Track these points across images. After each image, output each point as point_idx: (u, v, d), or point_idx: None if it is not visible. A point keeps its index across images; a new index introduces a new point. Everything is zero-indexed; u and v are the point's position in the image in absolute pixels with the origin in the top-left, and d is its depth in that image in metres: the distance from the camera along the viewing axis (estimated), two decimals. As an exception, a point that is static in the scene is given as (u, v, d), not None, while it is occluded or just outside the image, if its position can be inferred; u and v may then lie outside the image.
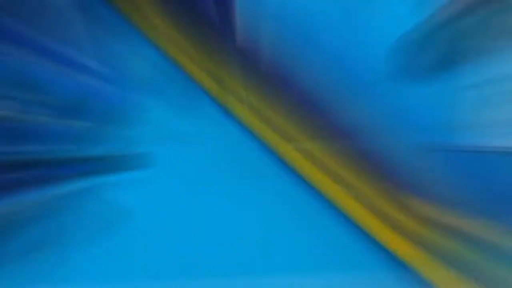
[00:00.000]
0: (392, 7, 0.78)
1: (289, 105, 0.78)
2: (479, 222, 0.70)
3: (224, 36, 0.80)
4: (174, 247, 0.74)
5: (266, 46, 0.79)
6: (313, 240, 0.74)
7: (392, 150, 0.75)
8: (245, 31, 0.79)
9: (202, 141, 0.79)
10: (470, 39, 0.78)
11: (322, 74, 0.77)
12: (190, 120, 0.81)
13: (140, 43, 0.81)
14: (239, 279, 0.70)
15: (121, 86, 0.78)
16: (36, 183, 0.72)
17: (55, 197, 0.73)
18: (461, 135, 0.77)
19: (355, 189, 0.74)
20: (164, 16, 0.83)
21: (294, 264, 0.73)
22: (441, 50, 0.79)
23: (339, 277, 0.69)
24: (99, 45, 0.78)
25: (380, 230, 0.72)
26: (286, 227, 0.76)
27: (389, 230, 0.71)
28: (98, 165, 0.77)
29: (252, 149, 0.79)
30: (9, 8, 0.69)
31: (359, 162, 0.75)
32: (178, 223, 0.76)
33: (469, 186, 0.74)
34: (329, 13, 0.76)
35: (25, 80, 0.73)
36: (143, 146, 0.77)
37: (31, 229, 0.71)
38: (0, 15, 0.68)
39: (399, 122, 0.78)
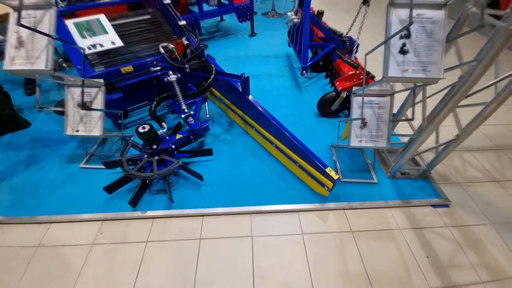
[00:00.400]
0: (314, 88, 1.92)
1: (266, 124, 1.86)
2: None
3: (243, 98, 1.90)
4: (222, 191, 1.79)
5: (257, 103, 1.89)
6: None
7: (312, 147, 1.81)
8: (251, 96, 1.90)
9: (235, 142, 1.90)
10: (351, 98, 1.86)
11: (281, 115, 1.86)
12: (230, 134, 1.93)
13: (209, 103, 1.97)
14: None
15: (201, 121, 1.89)
16: (168, 160, 1.81)
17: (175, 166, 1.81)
18: (343, 141, 1.84)
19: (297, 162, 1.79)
20: (218, 92, 1.99)
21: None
22: (336, 104, 1.89)
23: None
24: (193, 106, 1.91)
25: (305, 178, 1.76)
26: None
27: (308, 177, 1.74)
28: (192, 153, 1.85)
29: (251, 139, 1.90)
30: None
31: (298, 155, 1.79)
32: (224, 181, 1.82)
33: (344, 160, 1.81)
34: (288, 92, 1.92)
35: (161, 119, 1.85)
36: (209, 146, 1.86)
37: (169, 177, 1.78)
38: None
39: (320, 135, 1.87)
